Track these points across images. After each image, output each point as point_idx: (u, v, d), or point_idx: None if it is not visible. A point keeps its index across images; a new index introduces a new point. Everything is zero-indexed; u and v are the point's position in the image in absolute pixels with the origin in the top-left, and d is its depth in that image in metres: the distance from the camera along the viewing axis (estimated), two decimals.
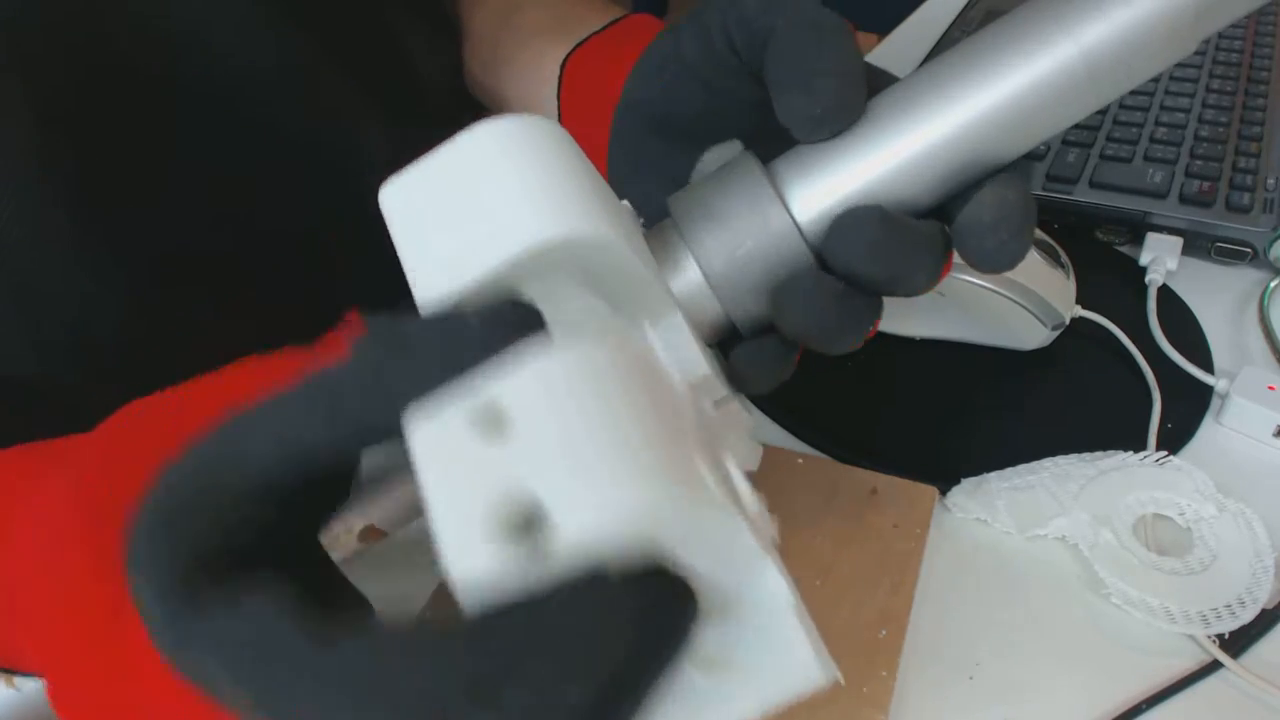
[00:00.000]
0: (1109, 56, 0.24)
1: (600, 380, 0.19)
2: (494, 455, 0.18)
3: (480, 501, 0.18)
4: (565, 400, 0.18)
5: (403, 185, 0.23)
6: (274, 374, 0.21)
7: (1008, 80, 0.25)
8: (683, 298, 0.27)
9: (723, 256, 0.26)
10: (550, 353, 0.19)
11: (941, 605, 0.39)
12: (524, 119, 0.23)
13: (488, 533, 0.17)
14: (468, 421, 0.18)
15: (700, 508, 0.18)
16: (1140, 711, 0.35)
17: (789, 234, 0.26)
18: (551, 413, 0.18)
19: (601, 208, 0.23)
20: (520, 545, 0.17)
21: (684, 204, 0.28)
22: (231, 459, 0.20)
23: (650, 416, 0.19)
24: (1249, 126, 0.62)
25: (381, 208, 0.23)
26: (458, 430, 0.18)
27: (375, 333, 0.20)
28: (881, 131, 0.26)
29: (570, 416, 0.18)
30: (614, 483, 0.17)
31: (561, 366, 0.19)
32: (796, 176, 0.27)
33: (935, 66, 0.26)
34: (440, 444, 0.19)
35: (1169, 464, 0.42)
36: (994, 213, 0.26)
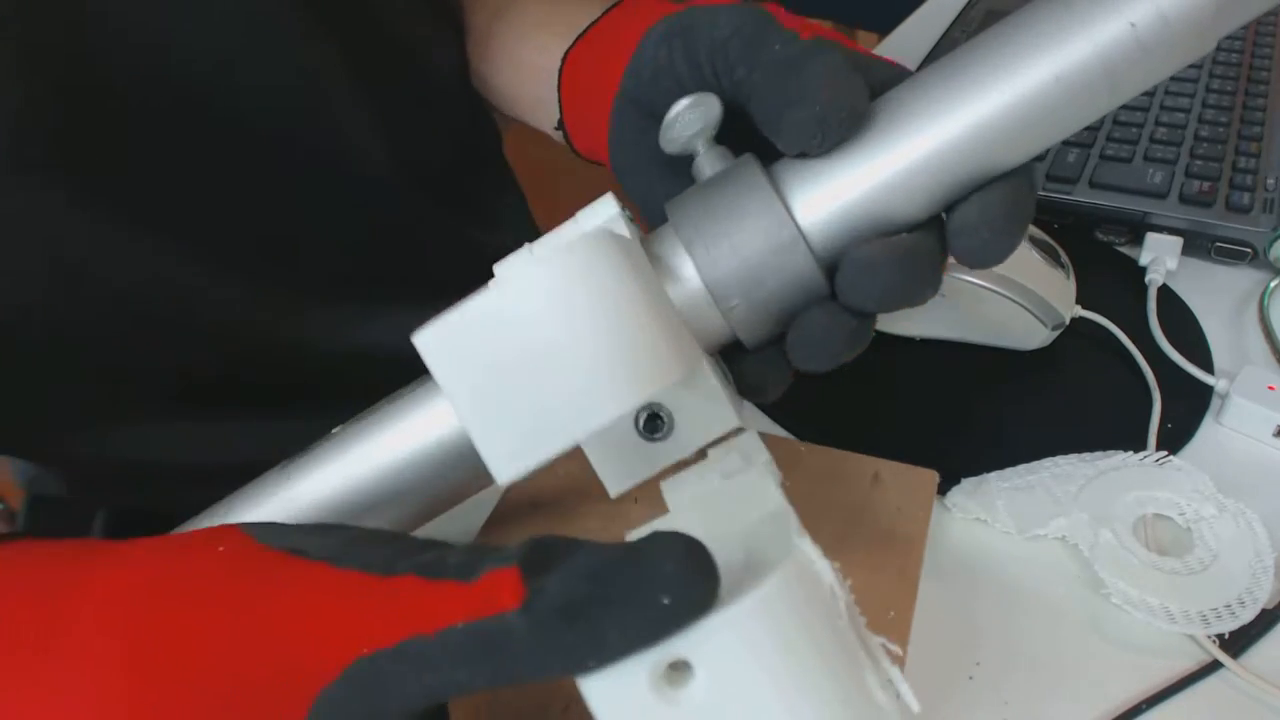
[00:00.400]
0: (1124, 56, 0.24)
1: (782, 622, 0.18)
2: (683, 714, 0.18)
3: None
4: (752, 651, 0.18)
5: (449, 333, 0.21)
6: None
7: (1026, 78, 0.24)
8: (682, 306, 0.26)
9: (724, 264, 0.26)
10: (732, 604, 0.18)
11: (941, 605, 0.39)
12: (575, 254, 0.21)
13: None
14: (649, 678, 0.18)
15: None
16: (1140, 711, 0.35)
17: (793, 240, 0.25)
18: (740, 665, 0.18)
19: (669, 340, 0.21)
20: None
21: (683, 209, 0.27)
22: (379, 697, 0.20)
23: (829, 646, 0.19)
24: (1249, 126, 0.62)
25: (422, 355, 0.21)
26: (639, 688, 0.18)
27: (546, 595, 0.19)
28: (889, 134, 0.25)
29: (759, 667, 0.18)
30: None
31: (745, 616, 0.18)
32: (800, 181, 0.26)
33: (946, 64, 0.26)
34: (623, 702, 0.18)
35: (1169, 464, 0.42)
36: (985, 214, 0.25)
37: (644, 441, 0.26)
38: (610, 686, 0.18)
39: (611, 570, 0.19)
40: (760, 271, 0.26)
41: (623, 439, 0.26)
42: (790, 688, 0.18)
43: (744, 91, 0.28)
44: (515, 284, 0.20)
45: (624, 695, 0.18)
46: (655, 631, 0.18)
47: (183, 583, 0.22)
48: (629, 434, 0.26)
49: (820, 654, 0.18)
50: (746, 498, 0.25)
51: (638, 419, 0.26)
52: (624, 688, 0.18)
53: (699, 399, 0.25)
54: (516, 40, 0.46)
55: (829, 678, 0.18)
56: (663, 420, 0.26)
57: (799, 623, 0.18)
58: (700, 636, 0.18)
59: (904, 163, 0.25)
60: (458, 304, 0.21)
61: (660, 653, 0.18)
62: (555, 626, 0.18)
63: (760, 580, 0.18)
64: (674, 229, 0.26)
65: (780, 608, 0.18)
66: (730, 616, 0.18)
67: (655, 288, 0.23)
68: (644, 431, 0.26)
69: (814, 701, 0.18)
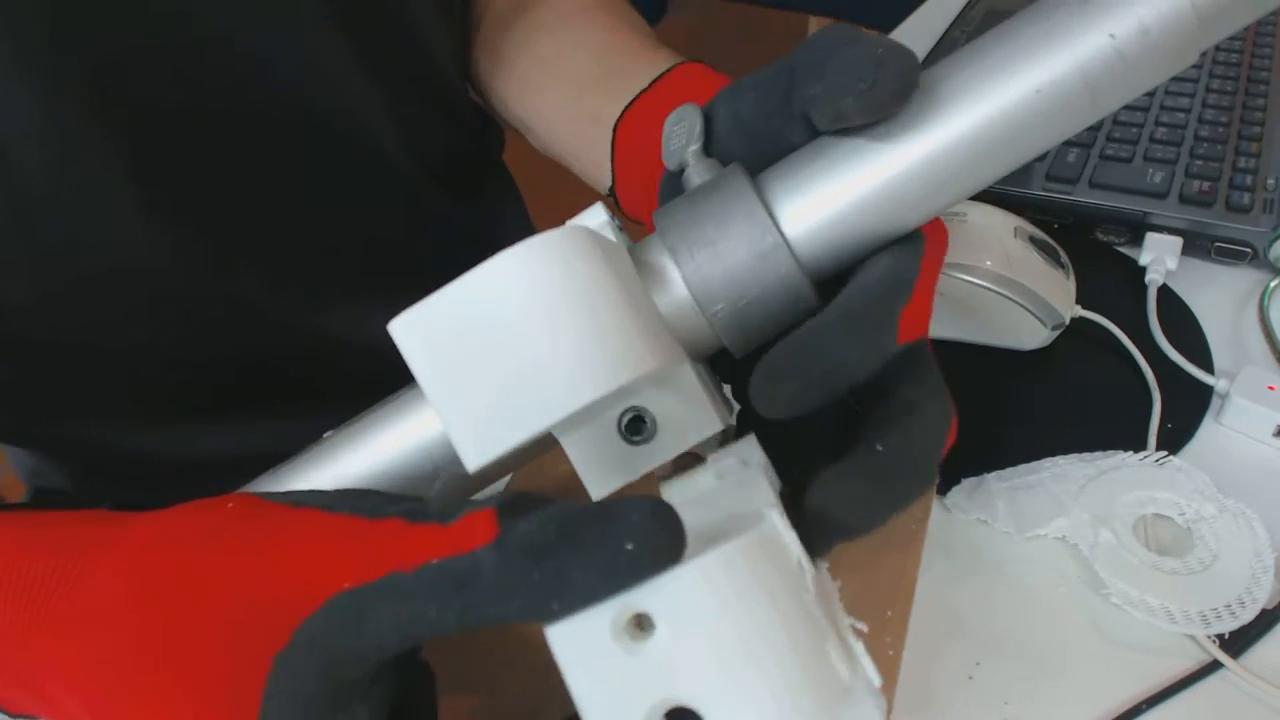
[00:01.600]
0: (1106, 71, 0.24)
1: (743, 583, 0.19)
2: (643, 664, 0.18)
3: (636, 711, 0.18)
4: (713, 608, 0.19)
5: (423, 319, 0.21)
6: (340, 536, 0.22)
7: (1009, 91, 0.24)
8: (668, 312, 0.26)
9: (707, 269, 0.25)
10: (694, 559, 0.19)
11: (941, 605, 0.39)
12: (548, 243, 0.21)
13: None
14: (611, 627, 0.19)
15: (841, 707, 0.19)
16: (1140, 711, 0.35)
17: (775, 246, 0.25)
18: (701, 621, 0.18)
19: (643, 332, 0.21)
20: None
21: (669, 216, 0.26)
22: (354, 631, 0.21)
23: (791, 613, 0.19)
24: (1249, 127, 0.62)
25: (396, 341, 0.21)
26: (602, 636, 0.19)
27: (517, 534, 0.20)
28: (878, 145, 0.25)
29: (720, 625, 0.18)
30: (771, 703, 0.18)
31: (706, 573, 0.19)
32: (786, 188, 0.26)
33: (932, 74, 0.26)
34: (586, 650, 0.19)
35: (1169, 464, 0.42)
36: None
37: (626, 445, 0.26)
38: (574, 634, 0.19)
39: (580, 518, 0.20)
40: (743, 277, 0.25)
41: (605, 442, 0.25)
42: (748, 645, 0.18)
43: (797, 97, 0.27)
44: (486, 270, 0.20)
45: (587, 643, 0.19)
46: (618, 577, 0.19)
47: (189, 531, 0.24)
48: (611, 436, 0.25)
49: (780, 617, 0.19)
50: (742, 500, 0.25)
51: (620, 421, 0.25)
52: (587, 636, 0.19)
53: (682, 402, 0.25)
54: (565, 100, 0.45)
55: (788, 641, 0.19)
56: (645, 423, 0.25)
57: (760, 584, 0.19)
58: (662, 589, 0.19)
59: (891, 173, 0.25)
60: (433, 292, 0.21)
61: (623, 604, 0.19)
62: (522, 564, 0.20)
63: (725, 541, 0.19)
64: (660, 236, 0.26)
65: (742, 566, 0.19)
66: (691, 569, 0.19)
67: (633, 285, 0.23)
68: (626, 434, 0.26)
69: (771, 660, 0.18)
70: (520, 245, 0.21)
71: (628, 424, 0.25)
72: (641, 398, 0.25)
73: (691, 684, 0.18)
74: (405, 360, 0.21)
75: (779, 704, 0.18)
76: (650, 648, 0.18)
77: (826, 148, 0.26)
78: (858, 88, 0.24)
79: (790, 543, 0.21)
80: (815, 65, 0.26)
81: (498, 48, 0.50)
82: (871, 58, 0.24)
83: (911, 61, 0.24)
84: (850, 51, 0.24)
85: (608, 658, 0.18)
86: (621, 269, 0.23)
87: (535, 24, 0.49)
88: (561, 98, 0.45)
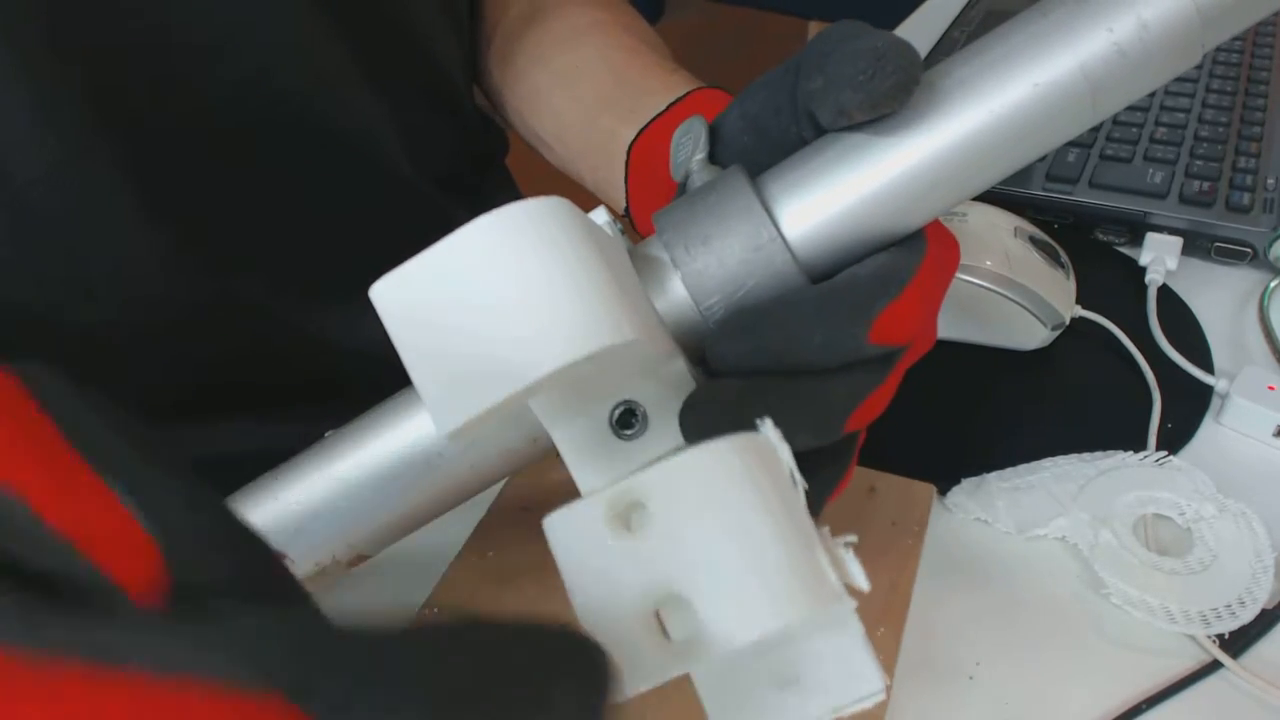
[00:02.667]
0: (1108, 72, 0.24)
1: (737, 476, 0.19)
2: (636, 550, 0.19)
3: (624, 600, 0.18)
4: (706, 496, 0.19)
5: (401, 282, 0.21)
6: None
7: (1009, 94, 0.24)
8: (666, 310, 0.26)
9: (702, 263, 0.26)
10: (689, 450, 0.19)
11: (941, 605, 0.39)
12: (526, 208, 0.21)
13: (636, 629, 0.18)
14: (606, 514, 0.19)
15: (826, 605, 0.19)
16: (1140, 711, 0.35)
17: (771, 240, 0.25)
18: (694, 509, 0.19)
19: (620, 303, 0.21)
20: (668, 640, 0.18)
21: (669, 215, 0.26)
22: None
23: (780, 512, 0.19)
24: (1249, 126, 0.62)
25: (376, 307, 0.21)
26: (596, 523, 0.19)
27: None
28: (877, 145, 0.25)
29: (712, 513, 0.19)
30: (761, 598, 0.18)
31: (699, 464, 0.19)
32: (784, 187, 0.26)
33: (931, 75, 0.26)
34: (581, 537, 0.19)
35: (1169, 464, 0.42)
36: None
37: (618, 440, 0.26)
38: (569, 522, 0.19)
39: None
40: (738, 271, 0.25)
41: (596, 436, 0.25)
42: (738, 534, 0.18)
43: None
44: (462, 234, 0.20)
45: (581, 530, 0.19)
46: None
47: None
48: (603, 432, 0.25)
49: (770, 513, 0.19)
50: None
51: (611, 415, 0.25)
52: (582, 522, 0.19)
53: (674, 396, 0.25)
54: (581, 120, 0.44)
55: (777, 534, 0.19)
56: (636, 417, 0.25)
57: (752, 481, 0.19)
58: (655, 477, 0.19)
59: (892, 171, 0.25)
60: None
61: (620, 491, 0.19)
62: None
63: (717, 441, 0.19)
64: (658, 235, 0.26)
65: (735, 461, 0.19)
66: (684, 459, 0.19)
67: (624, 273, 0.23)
68: (617, 428, 0.25)
69: (760, 550, 0.19)
70: (497, 210, 0.21)
71: (619, 418, 0.25)
72: (633, 391, 0.25)
73: (682, 570, 0.18)
74: (383, 323, 0.21)
75: (768, 591, 0.18)
76: (643, 535, 0.19)
77: (828, 145, 0.26)
78: (857, 80, 0.24)
79: (783, 454, 0.21)
80: (819, 59, 0.26)
81: (511, 58, 0.50)
82: (872, 50, 0.24)
83: (912, 55, 0.24)
84: (851, 45, 0.24)
85: (601, 544, 0.19)
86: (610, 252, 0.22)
87: (549, 36, 0.48)
88: (577, 118, 0.45)
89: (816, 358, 0.25)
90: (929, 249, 0.26)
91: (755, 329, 0.24)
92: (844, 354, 0.25)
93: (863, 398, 0.26)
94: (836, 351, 0.25)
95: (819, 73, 0.25)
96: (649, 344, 0.22)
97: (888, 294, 0.25)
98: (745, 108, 0.29)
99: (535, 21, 0.50)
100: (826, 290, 0.25)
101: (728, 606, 0.18)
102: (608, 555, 0.19)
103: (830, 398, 0.25)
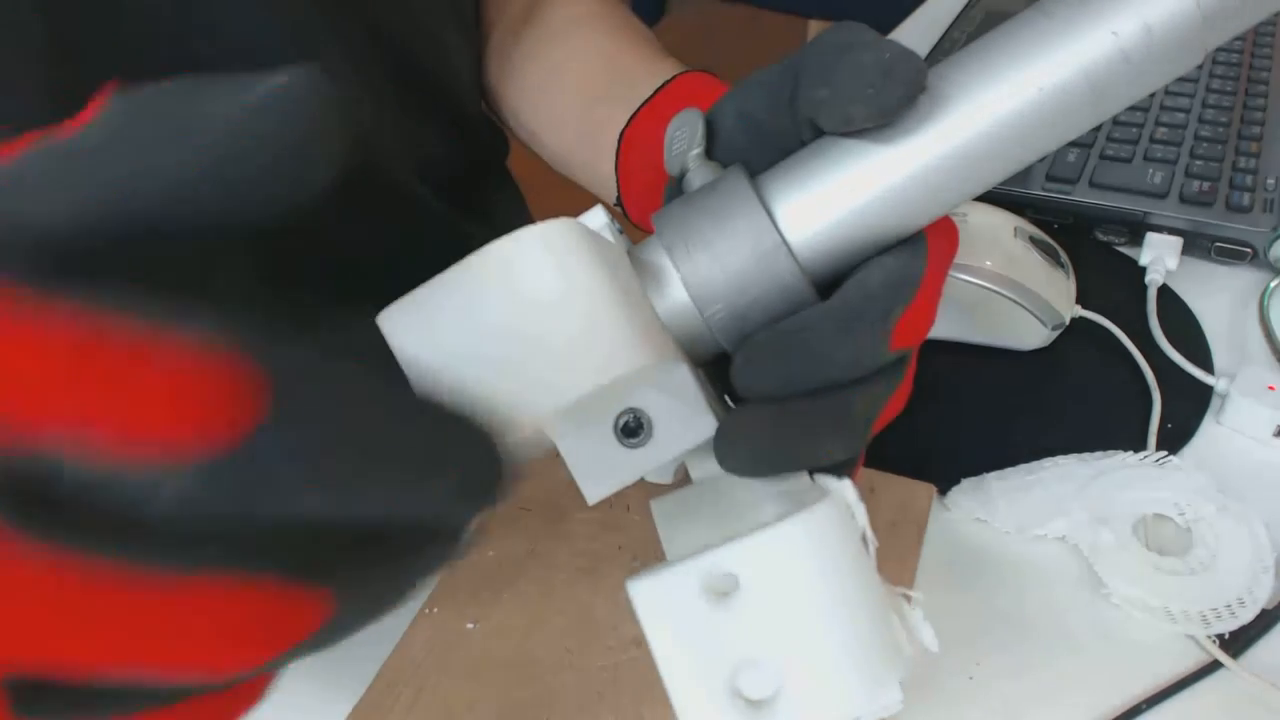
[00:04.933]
0: (1111, 75, 0.24)
1: (825, 546, 0.19)
2: (727, 623, 0.19)
3: (717, 672, 0.18)
4: (798, 572, 0.19)
5: (411, 310, 0.20)
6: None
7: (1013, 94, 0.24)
8: (667, 314, 0.26)
9: (706, 269, 0.25)
10: (780, 522, 0.19)
11: (941, 605, 0.39)
12: (538, 235, 0.20)
13: (723, 703, 0.18)
14: (699, 585, 0.19)
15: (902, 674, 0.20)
16: (1140, 711, 0.35)
17: (775, 247, 0.25)
18: (784, 582, 0.19)
19: (633, 326, 0.21)
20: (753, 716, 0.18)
21: (668, 217, 0.26)
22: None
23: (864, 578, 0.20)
24: (1249, 126, 0.62)
25: (384, 334, 0.21)
26: (689, 594, 0.19)
27: (127, 97, 0.16)
28: (881, 146, 0.25)
29: (803, 590, 0.19)
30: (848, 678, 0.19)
31: (791, 535, 0.19)
32: (786, 190, 0.26)
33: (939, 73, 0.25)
34: (672, 607, 0.19)
35: (1169, 464, 0.42)
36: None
37: (622, 447, 0.25)
38: (660, 591, 0.19)
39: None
40: (742, 278, 0.25)
41: (600, 444, 0.25)
42: (828, 606, 0.19)
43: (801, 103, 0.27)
44: (473, 261, 0.20)
45: (672, 600, 0.19)
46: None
47: None
48: (607, 439, 0.25)
49: (857, 582, 0.19)
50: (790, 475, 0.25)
51: (616, 423, 0.25)
52: (674, 593, 0.19)
53: (679, 404, 0.25)
54: (575, 111, 0.44)
55: (862, 605, 0.19)
56: (642, 425, 0.25)
57: (839, 548, 0.19)
58: (749, 550, 0.19)
59: (894, 175, 0.25)
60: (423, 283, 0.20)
61: (711, 563, 0.19)
62: (137, 121, 0.16)
63: (808, 506, 0.19)
64: (658, 237, 0.26)
65: (824, 531, 0.19)
66: (777, 533, 0.19)
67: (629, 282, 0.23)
68: (622, 436, 0.25)
69: (847, 623, 0.19)
70: (508, 236, 0.20)
71: (624, 426, 0.25)
72: (638, 399, 0.25)
73: (771, 642, 0.19)
74: (393, 352, 0.21)
75: (853, 665, 0.19)
76: (734, 607, 0.19)
77: (829, 148, 0.26)
78: (865, 94, 0.24)
79: (859, 514, 0.22)
80: (822, 68, 0.25)
81: (507, 56, 0.50)
82: (879, 64, 0.24)
83: (919, 67, 0.24)
84: (857, 57, 0.24)
85: (694, 615, 0.19)
86: (616, 266, 0.22)
87: (545, 31, 0.48)
88: (570, 109, 0.45)
89: (842, 374, 0.25)
90: (930, 245, 0.26)
91: (781, 356, 0.24)
92: (868, 366, 0.25)
93: (885, 402, 0.27)
94: (861, 366, 0.25)
95: (824, 84, 0.25)
96: (658, 360, 0.22)
97: (902, 300, 0.25)
98: (742, 107, 0.29)
99: (531, 18, 0.50)
100: (841, 306, 0.25)
101: (815, 680, 0.19)
102: (699, 624, 0.19)
103: (855, 410, 0.26)
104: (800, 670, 0.19)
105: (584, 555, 0.41)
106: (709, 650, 0.19)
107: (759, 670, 0.19)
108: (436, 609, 0.39)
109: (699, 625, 0.19)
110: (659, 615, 0.19)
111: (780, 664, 0.19)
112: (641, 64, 0.43)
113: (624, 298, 0.21)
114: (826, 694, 0.18)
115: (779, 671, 0.19)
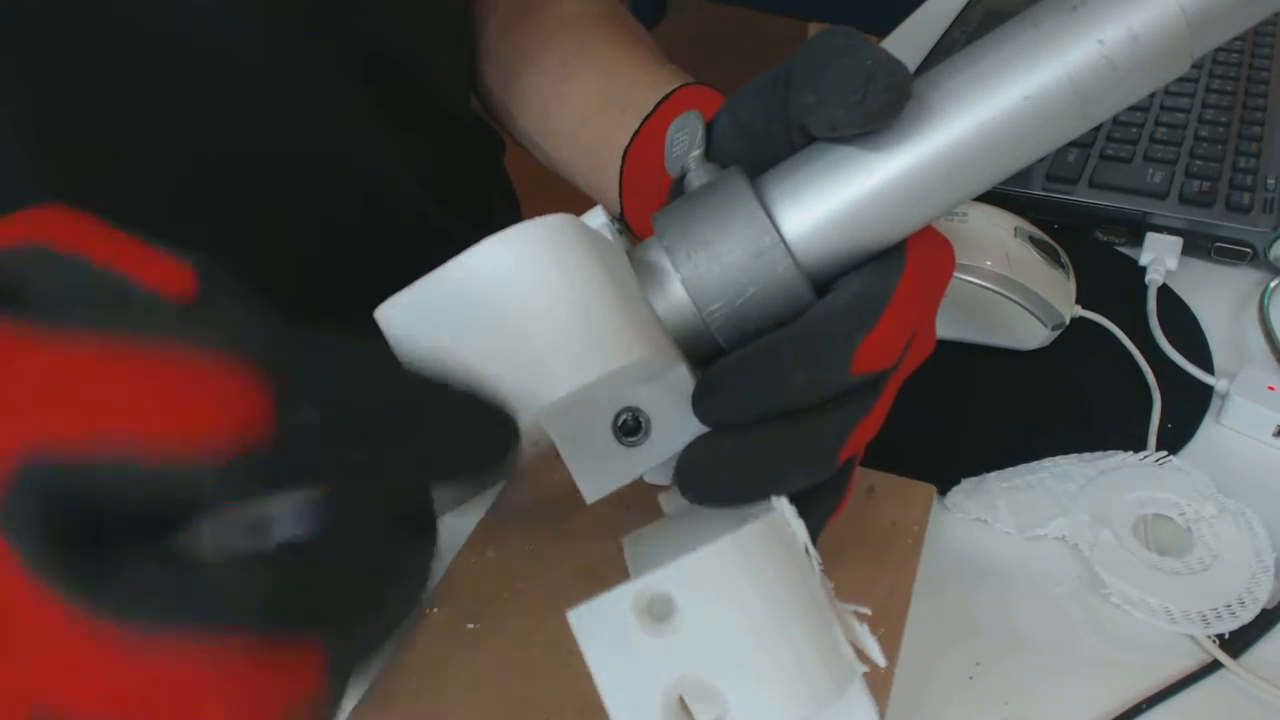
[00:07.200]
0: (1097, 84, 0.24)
1: (759, 565, 0.20)
2: (663, 643, 0.19)
3: (655, 692, 0.19)
4: (731, 588, 0.19)
5: (407, 305, 0.21)
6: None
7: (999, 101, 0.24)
8: (666, 314, 0.26)
9: (704, 269, 0.25)
10: (712, 542, 0.19)
11: (941, 605, 0.39)
12: (533, 229, 0.21)
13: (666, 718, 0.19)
14: (633, 607, 0.19)
15: (846, 685, 0.20)
16: (1140, 711, 0.35)
17: (773, 246, 0.25)
18: (719, 601, 0.19)
19: (629, 321, 0.21)
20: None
21: (668, 218, 0.26)
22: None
23: (802, 594, 0.20)
24: (1249, 126, 0.62)
25: (382, 329, 0.21)
26: (623, 616, 0.19)
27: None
28: (876, 148, 0.25)
29: (737, 604, 0.19)
30: (788, 694, 0.19)
31: (725, 555, 0.19)
32: (782, 192, 0.26)
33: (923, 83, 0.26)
34: (607, 630, 0.19)
35: (1169, 464, 0.42)
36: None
37: (621, 445, 0.25)
38: (595, 615, 0.19)
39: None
40: (740, 276, 0.25)
41: (599, 442, 0.25)
42: (763, 624, 0.19)
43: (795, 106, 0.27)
44: (470, 256, 0.20)
45: (608, 623, 0.19)
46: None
47: None
48: (605, 437, 0.25)
49: (792, 598, 0.19)
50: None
51: (615, 421, 0.25)
52: (608, 616, 0.19)
53: (677, 403, 0.25)
54: (575, 122, 0.44)
55: (800, 621, 0.19)
56: (640, 424, 0.25)
57: (773, 567, 0.20)
58: (680, 572, 0.19)
59: (884, 180, 0.25)
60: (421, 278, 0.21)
61: (644, 585, 0.19)
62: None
63: (739, 527, 0.20)
64: (658, 237, 0.26)
65: (756, 550, 0.19)
66: (709, 552, 0.19)
67: (627, 281, 0.23)
68: (620, 434, 0.25)
69: (785, 638, 0.19)
70: (505, 231, 0.21)
71: (622, 425, 0.25)
72: (636, 398, 0.25)
73: (710, 662, 0.19)
74: (390, 346, 0.21)
75: (793, 681, 0.19)
76: (669, 628, 0.19)
77: (823, 152, 0.26)
78: (849, 100, 0.24)
79: (798, 530, 0.22)
80: (810, 74, 0.26)
81: (501, 56, 0.50)
82: (863, 70, 0.24)
83: (903, 74, 0.24)
84: (843, 63, 0.25)
85: (628, 637, 0.19)
86: (613, 263, 0.23)
87: (539, 31, 0.48)
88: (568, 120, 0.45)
89: (802, 399, 0.25)
90: (909, 262, 0.26)
91: (738, 382, 0.24)
92: (829, 390, 0.25)
93: (854, 427, 0.26)
94: (821, 391, 0.25)
95: (811, 90, 0.25)
96: (654, 356, 0.22)
97: (864, 325, 0.25)
98: (737, 115, 0.29)
99: (525, 17, 0.49)
100: (800, 330, 0.25)
101: (758, 697, 0.19)
102: (637, 647, 0.19)
103: (821, 434, 0.25)
104: (741, 689, 0.19)
105: (584, 555, 0.41)
106: (646, 674, 0.19)
107: (705, 692, 0.19)
108: (436, 609, 0.39)
109: (636, 649, 0.19)
110: (596, 640, 0.19)
111: (721, 684, 0.19)
112: (640, 72, 0.43)
113: (620, 293, 0.21)
114: (768, 711, 0.19)
115: (722, 692, 0.19)
